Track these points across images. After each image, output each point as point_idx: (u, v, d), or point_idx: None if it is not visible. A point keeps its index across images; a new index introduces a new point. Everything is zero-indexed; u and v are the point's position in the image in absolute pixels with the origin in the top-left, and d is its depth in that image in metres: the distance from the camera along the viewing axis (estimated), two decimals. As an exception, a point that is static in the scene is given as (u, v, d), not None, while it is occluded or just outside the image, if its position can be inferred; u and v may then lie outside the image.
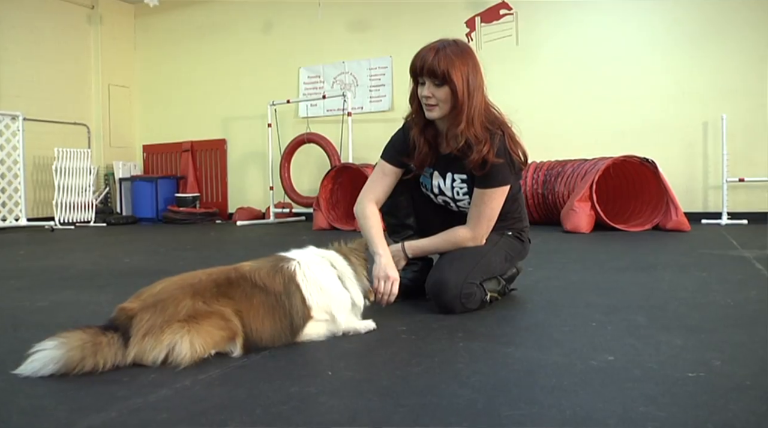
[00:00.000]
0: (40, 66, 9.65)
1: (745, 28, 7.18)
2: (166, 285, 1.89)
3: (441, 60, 2.34)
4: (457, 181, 2.57)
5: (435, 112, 2.43)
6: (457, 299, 2.40)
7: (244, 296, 1.93)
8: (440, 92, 2.38)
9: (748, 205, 7.13)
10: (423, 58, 2.39)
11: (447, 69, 2.34)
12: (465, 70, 2.37)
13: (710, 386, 1.54)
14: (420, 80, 2.43)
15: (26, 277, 3.79)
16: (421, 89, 2.43)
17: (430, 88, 2.39)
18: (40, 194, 9.48)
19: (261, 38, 10.01)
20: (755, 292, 2.81)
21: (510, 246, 2.66)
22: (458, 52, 2.38)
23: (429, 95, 2.39)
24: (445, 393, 1.52)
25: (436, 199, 2.71)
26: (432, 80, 2.38)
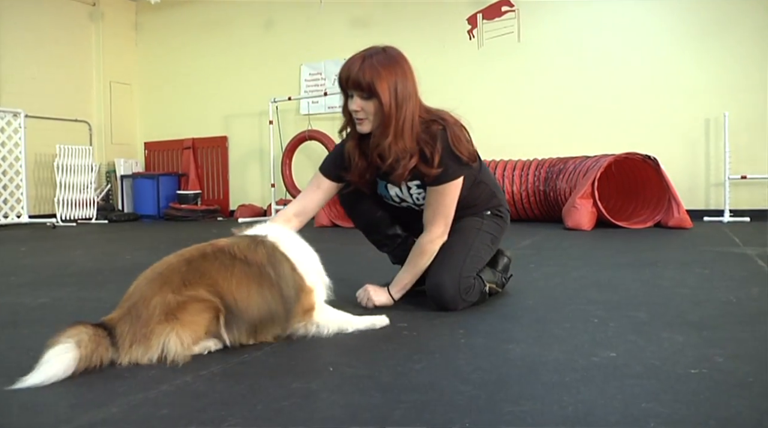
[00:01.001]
0: (42, 63, 9.64)
1: (748, 25, 7.16)
2: (138, 283, 1.83)
3: (366, 71, 2.23)
4: (413, 187, 2.50)
5: (365, 126, 2.32)
6: (458, 296, 2.41)
7: (222, 267, 1.85)
8: (369, 105, 2.27)
9: (751, 203, 7.11)
10: (348, 69, 2.27)
11: (372, 81, 2.22)
12: (392, 80, 2.24)
13: (712, 382, 1.53)
14: (348, 93, 2.31)
15: (27, 274, 3.80)
16: (350, 102, 2.31)
17: (358, 101, 2.27)
18: (42, 191, 9.48)
19: (262, 35, 10.00)
20: (758, 289, 2.81)
21: (492, 227, 2.61)
22: (385, 62, 2.26)
23: (357, 109, 2.28)
24: (446, 389, 1.51)
25: (400, 205, 2.63)
26: (359, 93, 2.26)
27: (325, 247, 2.32)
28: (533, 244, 4.89)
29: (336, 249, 4.84)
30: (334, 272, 2.24)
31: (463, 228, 2.55)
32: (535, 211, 7.14)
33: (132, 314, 1.72)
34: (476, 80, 8.40)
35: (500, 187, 2.71)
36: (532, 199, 7.07)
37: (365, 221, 2.70)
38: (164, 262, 1.88)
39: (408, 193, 2.51)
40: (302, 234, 2.22)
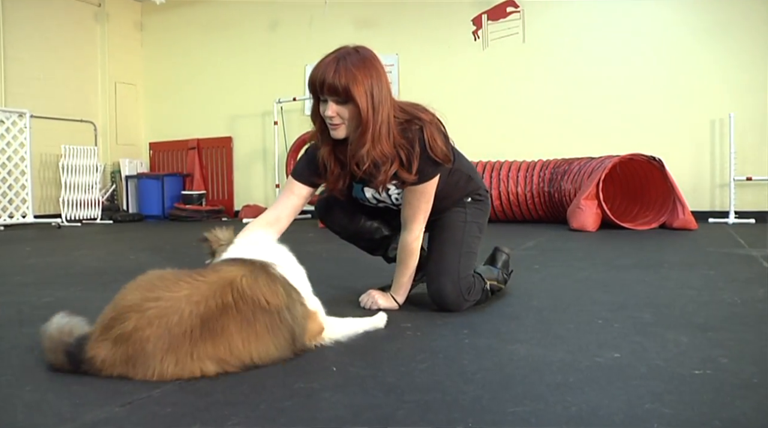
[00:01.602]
0: (47, 63, 9.66)
1: (754, 27, 7.14)
2: (138, 324, 1.56)
3: (341, 75, 2.12)
4: (391, 188, 2.41)
5: (340, 132, 2.22)
6: (460, 297, 2.40)
7: (244, 323, 1.65)
8: (345, 110, 2.17)
9: (756, 204, 7.09)
10: (323, 72, 2.16)
11: (348, 85, 2.12)
12: (368, 83, 2.14)
13: (717, 383, 1.53)
14: (321, 97, 2.20)
15: (32, 273, 3.80)
16: (323, 107, 2.20)
17: (334, 107, 2.16)
18: (47, 191, 9.50)
19: (267, 36, 10.01)
20: (762, 291, 2.80)
21: (475, 215, 2.57)
22: (359, 63, 2.16)
23: (332, 115, 2.17)
24: (449, 389, 1.51)
25: (378, 205, 2.56)
26: (334, 98, 2.15)
27: (324, 248, 2.32)
28: (538, 245, 4.88)
29: (336, 250, 4.83)
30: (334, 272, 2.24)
31: (449, 225, 2.52)
32: (539, 212, 7.13)
33: (129, 365, 1.57)
34: (481, 81, 8.40)
35: (474, 168, 2.64)
36: (537, 199, 7.06)
37: (348, 233, 2.66)
38: (175, 308, 1.59)
39: (386, 194, 2.45)
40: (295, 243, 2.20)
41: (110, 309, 1.63)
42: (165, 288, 1.64)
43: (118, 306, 1.61)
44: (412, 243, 2.43)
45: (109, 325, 1.58)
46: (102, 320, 1.62)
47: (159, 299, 1.60)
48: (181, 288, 1.64)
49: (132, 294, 1.64)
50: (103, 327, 1.59)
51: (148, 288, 1.65)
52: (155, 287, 1.64)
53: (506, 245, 2.85)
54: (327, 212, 2.64)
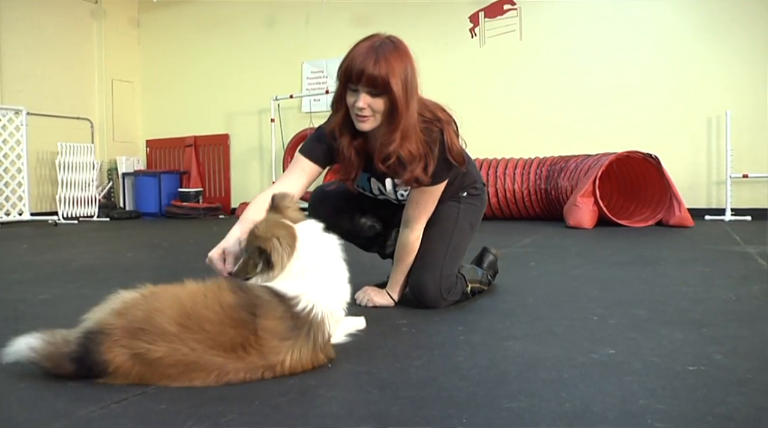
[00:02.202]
0: (44, 61, 9.64)
1: (751, 24, 7.15)
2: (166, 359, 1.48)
3: (382, 66, 2.04)
4: (401, 185, 2.38)
5: (368, 124, 2.14)
6: (438, 296, 2.40)
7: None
8: (377, 103, 2.09)
9: (752, 201, 7.10)
10: (362, 62, 2.05)
11: (388, 78, 2.05)
12: (404, 77, 2.08)
13: (711, 379, 1.53)
14: (352, 87, 2.10)
15: (29, 271, 3.80)
16: (352, 97, 2.11)
17: (366, 98, 2.08)
18: (44, 189, 9.49)
19: (264, 33, 10.00)
20: (758, 287, 2.80)
21: (469, 210, 2.56)
22: (396, 55, 2.09)
23: (364, 106, 2.08)
24: (445, 385, 1.51)
25: (377, 197, 2.55)
26: (369, 89, 2.07)
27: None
28: (534, 243, 4.89)
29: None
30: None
31: (441, 219, 2.48)
32: (536, 210, 7.14)
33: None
34: (478, 78, 8.39)
35: (472, 162, 2.60)
36: (534, 197, 7.07)
37: (343, 231, 2.40)
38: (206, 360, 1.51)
39: (393, 189, 2.42)
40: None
41: (141, 312, 1.52)
42: (199, 324, 1.51)
43: (152, 322, 1.50)
44: (414, 242, 2.42)
45: (135, 335, 1.48)
46: (127, 320, 1.51)
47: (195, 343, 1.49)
48: (223, 332, 1.52)
49: (168, 314, 1.51)
50: (126, 332, 1.49)
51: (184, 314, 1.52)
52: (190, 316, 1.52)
53: (503, 242, 2.89)
54: (320, 209, 2.57)
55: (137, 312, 1.52)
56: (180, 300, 1.56)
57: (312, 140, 2.37)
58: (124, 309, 1.54)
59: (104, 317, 1.54)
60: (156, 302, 1.55)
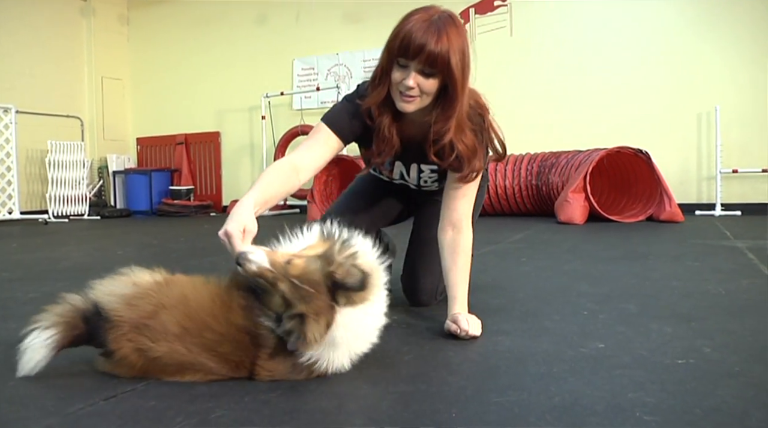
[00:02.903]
0: (33, 58, 9.60)
1: (740, 20, 7.18)
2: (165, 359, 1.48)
3: (444, 43, 1.82)
4: (426, 171, 2.22)
5: (412, 105, 1.93)
6: (432, 298, 2.39)
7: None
8: (428, 83, 1.88)
9: (742, 196, 7.13)
10: (423, 37, 1.82)
11: (449, 58, 1.83)
12: (463, 57, 1.88)
13: (699, 372, 1.54)
14: (402, 62, 1.88)
15: (18, 270, 3.78)
16: (400, 73, 1.89)
17: (417, 77, 1.87)
18: (34, 187, 9.45)
19: (254, 30, 9.97)
20: (747, 282, 2.82)
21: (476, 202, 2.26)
22: (456, 31, 1.87)
23: (414, 85, 1.87)
24: (434, 380, 1.52)
25: (392, 180, 2.38)
26: (423, 68, 1.85)
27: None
28: (525, 238, 4.90)
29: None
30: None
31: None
32: (527, 205, 7.15)
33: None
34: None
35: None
36: (525, 193, 7.08)
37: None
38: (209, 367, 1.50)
39: (417, 175, 2.24)
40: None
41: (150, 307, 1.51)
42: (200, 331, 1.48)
43: (158, 319, 1.48)
44: (472, 248, 2.13)
45: (141, 330, 1.47)
46: (137, 314, 1.49)
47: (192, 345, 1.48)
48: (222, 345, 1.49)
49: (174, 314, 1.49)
50: (134, 327, 1.48)
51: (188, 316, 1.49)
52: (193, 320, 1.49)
53: (494, 238, 2.88)
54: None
55: (147, 305, 1.51)
56: (187, 300, 1.52)
57: (342, 112, 2.11)
58: (135, 299, 1.53)
59: (115, 305, 1.52)
60: (165, 297, 1.53)
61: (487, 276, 2.90)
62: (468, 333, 1.89)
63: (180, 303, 1.51)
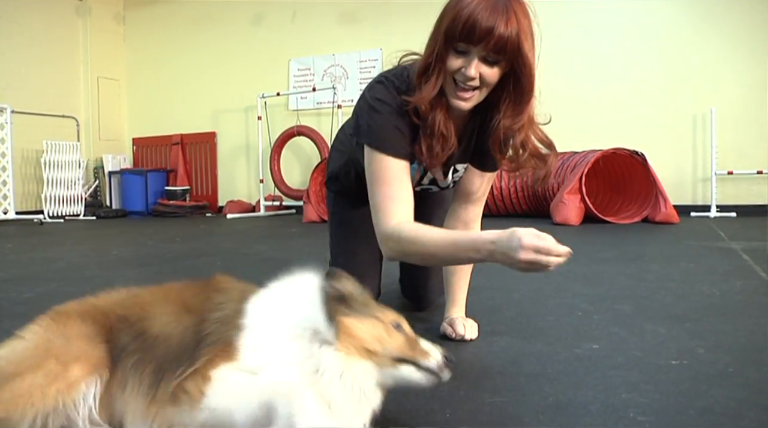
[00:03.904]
0: (28, 58, 9.57)
1: (736, 21, 7.19)
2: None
3: (513, 25, 1.55)
4: (460, 171, 1.97)
5: (470, 101, 1.67)
6: (435, 301, 2.34)
7: None
8: (492, 73, 1.62)
9: (737, 198, 7.15)
10: (489, 19, 1.53)
11: (520, 43, 1.57)
12: (532, 38, 1.64)
13: (693, 373, 1.54)
14: (462, 48, 1.59)
15: (13, 270, 3.77)
16: (461, 61, 1.60)
17: (480, 66, 1.60)
18: (29, 187, 9.42)
19: (251, 30, 9.96)
20: (741, 283, 2.82)
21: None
22: (522, 10, 1.60)
23: (475, 75, 1.60)
24: (428, 381, 1.52)
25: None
26: (488, 55, 1.58)
27: (307, 243, 2.30)
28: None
29: (322, 245, 4.83)
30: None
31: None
32: (523, 206, 7.16)
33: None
34: (465, 76, 8.38)
35: None
36: (521, 194, 7.09)
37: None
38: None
39: (451, 176, 1.96)
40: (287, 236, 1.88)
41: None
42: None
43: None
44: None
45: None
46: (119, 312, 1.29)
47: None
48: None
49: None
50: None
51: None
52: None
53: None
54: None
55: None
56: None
57: (388, 126, 1.75)
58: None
59: None
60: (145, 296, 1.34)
61: (481, 277, 2.89)
62: (463, 338, 1.87)
63: None
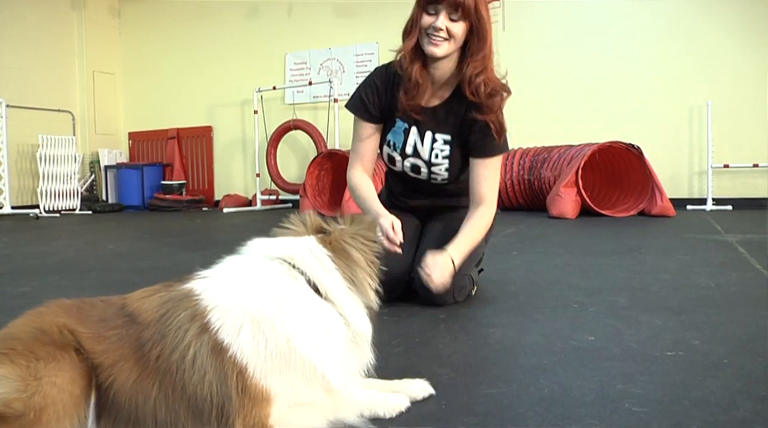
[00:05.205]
0: (24, 52, 9.53)
1: (731, 15, 7.19)
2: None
3: None
4: (439, 141, 2.34)
5: (441, 48, 2.15)
6: (450, 293, 2.24)
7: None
8: (456, 27, 2.13)
9: (733, 191, 7.17)
10: None
11: (475, 3, 2.11)
12: (486, 5, 2.17)
13: (688, 364, 1.55)
14: (431, 9, 2.15)
15: (8, 264, 3.77)
16: (430, 18, 2.15)
17: (446, 21, 2.12)
18: (25, 182, 9.39)
19: (247, 24, 9.93)
20: (736, 275, 2.83)
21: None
22: None
23: (442, 27, 2.12)
24: (424, 372, 1.52)
25: (402, 163, 2.41)
26: (451, 12, 2.11)
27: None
28: (517, 232, 4.90)
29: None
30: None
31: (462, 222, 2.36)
32: (519, 200, 7.16)
33: None
34: (461, 69, 8.38)
35: None
36: (517, 187, 7.09)
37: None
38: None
39: (430, 145, 2.35)
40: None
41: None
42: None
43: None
44: (487, 219, 2.31)
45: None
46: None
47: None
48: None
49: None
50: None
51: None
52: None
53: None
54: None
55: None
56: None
57: (357, 100, 2.40)
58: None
59: None
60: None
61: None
62: (431, 279, 2.06)
63: None
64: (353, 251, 1.26)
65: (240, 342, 1.11)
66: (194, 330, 1.12)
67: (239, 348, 1.11)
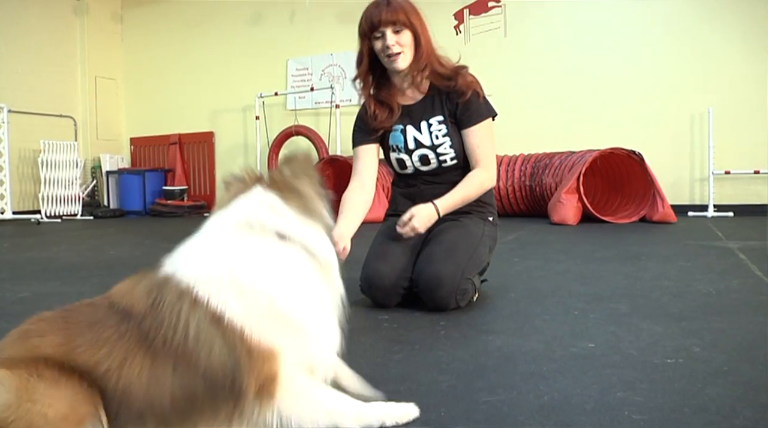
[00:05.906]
0: (26, 57, 9.55)
1: (733, 21, 7.19)
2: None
3: (395, 5, 2.38)
4: (434, 123, 2.51)
5: (402, 61, 2.43)
6: (453, 295, 2.24)
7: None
8: (404, 38, 2.40)
9: (734, 198, 7.15)
10: (378, 11, 2.39)
11: (405, 10, 2.39)
12: (414, 9, 2.44)
13: (688, 371, 1.55)
14: (376, 35, 2.41)
15: (10, 269, 3.77)
16: (379, 43, 2.42)
17: (392, 36, 2.39)
18: (26, 187, 9.39)
19: (249, 29, 9.95)
20: (737, 282, 2.83)
21: (491, 235, 2.52)
22: (406, 1, 2.45)
23: (393, 43, 2.39)
24: (424, 379, 1.52)
25: (412, 160, 2.54)
26: (392, 28, 2.38)
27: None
28: (518, 239, 4.90)
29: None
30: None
31: (469, 228, 2.43)
32: (521, 206, 7.16)
33: None
34: (463, 75, 8.38)
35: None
36: (518, 193, 7.09)
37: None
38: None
39: (428, 130, 2.52)
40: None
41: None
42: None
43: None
44: (485, 182, 2.47)
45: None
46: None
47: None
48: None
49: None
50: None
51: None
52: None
53: None
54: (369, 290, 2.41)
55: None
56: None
57: (354, 132, 2.74)
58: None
59: None
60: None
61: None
62: (409, 225, 2.33)
63: None
64: (299, 185, 1.34)
65: (231, 308, 1.16)
66: (187, 307, 1.16)
67: (232, 314, 1.16)
